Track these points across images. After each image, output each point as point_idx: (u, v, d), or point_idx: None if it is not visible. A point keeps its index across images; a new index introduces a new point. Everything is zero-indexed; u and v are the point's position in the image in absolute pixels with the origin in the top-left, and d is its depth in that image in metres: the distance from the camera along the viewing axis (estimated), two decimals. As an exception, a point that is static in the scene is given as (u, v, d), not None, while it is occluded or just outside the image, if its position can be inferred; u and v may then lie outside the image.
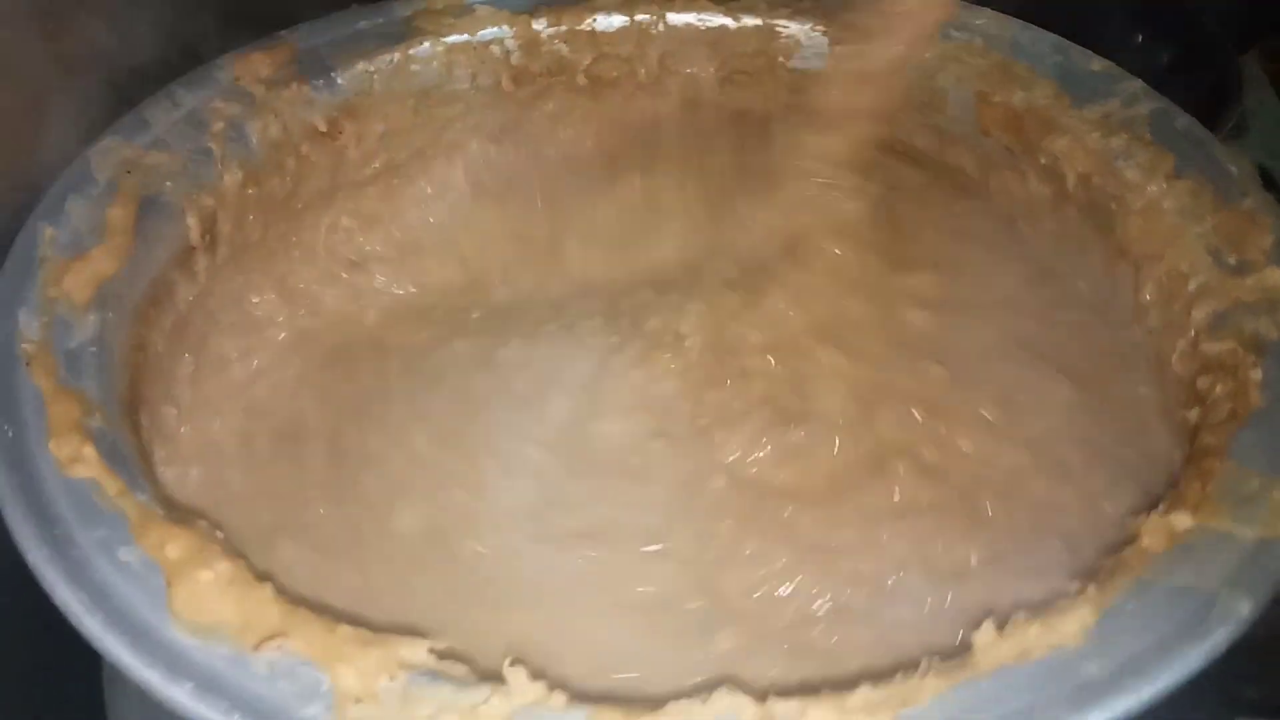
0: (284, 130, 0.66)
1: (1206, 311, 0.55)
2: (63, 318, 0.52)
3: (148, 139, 0.61)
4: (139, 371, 0.56)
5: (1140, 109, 0.64)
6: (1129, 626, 0.41)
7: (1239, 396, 0.50)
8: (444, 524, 0.56)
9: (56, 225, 0.56)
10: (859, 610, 0.53)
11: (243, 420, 0.62)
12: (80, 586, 0.42)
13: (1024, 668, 0.40)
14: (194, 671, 0.40)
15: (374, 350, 0.66)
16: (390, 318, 0.69)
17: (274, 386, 0.64)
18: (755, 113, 0.76)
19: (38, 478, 0.46)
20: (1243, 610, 0.41)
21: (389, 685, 0.40)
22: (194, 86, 0.65)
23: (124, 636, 0.41)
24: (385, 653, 0.40)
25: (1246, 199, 0.58)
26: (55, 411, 0.48)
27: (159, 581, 0.42)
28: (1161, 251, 0.58)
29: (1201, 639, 0.41)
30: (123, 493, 0.45)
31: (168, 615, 0.41)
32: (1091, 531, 0.53)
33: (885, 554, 0.54)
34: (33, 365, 0.50)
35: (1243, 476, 0.46)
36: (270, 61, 0.67)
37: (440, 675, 0.40)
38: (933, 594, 0.53)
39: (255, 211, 0.66)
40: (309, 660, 0.40)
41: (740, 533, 0.55)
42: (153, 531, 0.44)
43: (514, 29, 0.72)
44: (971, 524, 0.55)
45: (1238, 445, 0.48)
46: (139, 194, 0.59)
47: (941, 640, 0.49)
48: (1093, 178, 0.63)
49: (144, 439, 0.54)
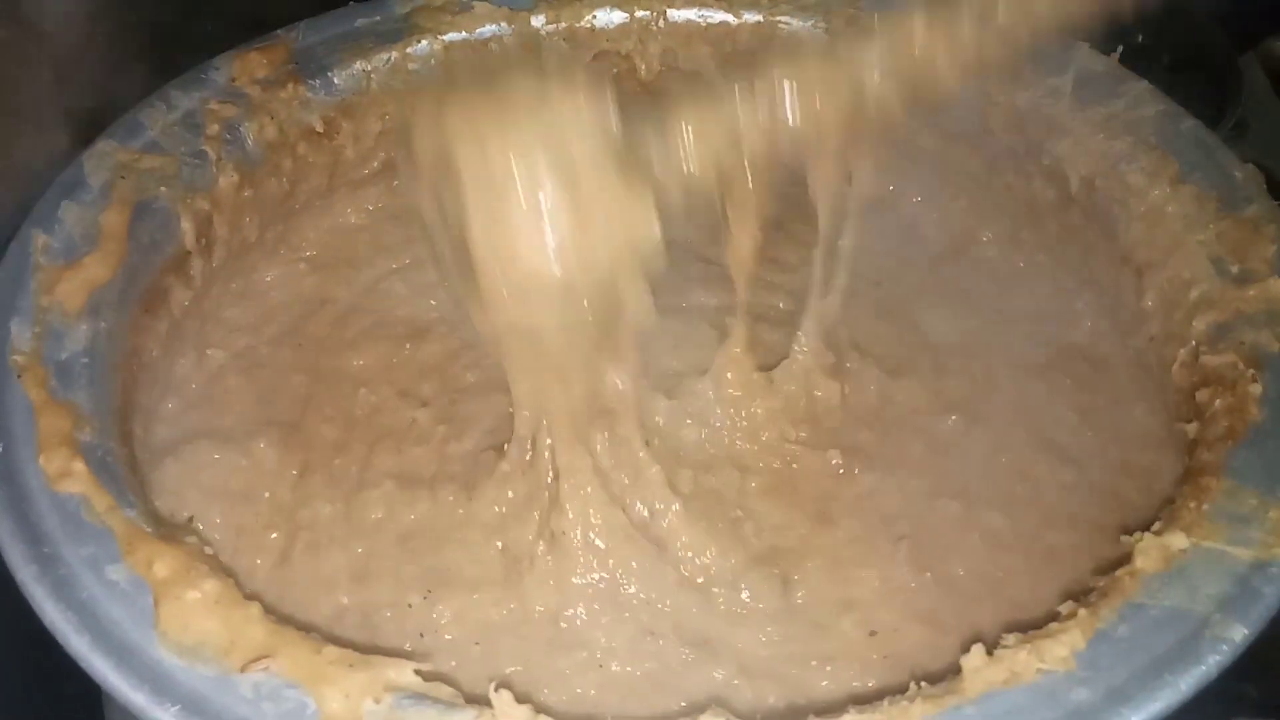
0: (280, 131, 0.66)
1: (1207, 322, 0.54)
2: (54, 327, 0.52)
3: (142, 142, 0.61)
4: (133, 379, 0.56)
5: (1145, 111, 0.63)
6: (1119, 651, 0.41)
7: (1237, 411, 0.50)
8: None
9: (49, 232, 0.56)
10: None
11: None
12: (68, 605, 0.42)
13: (1013, 692, 0.40)
14: (180, 693, 0.40)
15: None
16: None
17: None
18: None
19: (27, 493, 0.46)
20: (1235, 636, 0.41)
21: (374, 708, 0.40)
22: (189, 88, 0.64)
23: (111, 657, 0.41)
24: (371, 675, 0.40)
25: (1251, 206, 0.57)
26: (45, 425, 0.48)
27: (147, 600, 0.42)
28: (1164, 259, 0.58)
29: (1193, 666, 0.40)
30: (111, 509, 0.45)
31: (154, 635, 0.41)
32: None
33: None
34: (24, 377, 0.50)
35: (1239, 495, 0.46)
36: (266, 61, 0.66)
37: (426, 698, 0.40)
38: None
39: (251, 213, 0.66)
40: (295, 682, 0.40)
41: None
42: (141, 549, 0.44)
43: (513, 26, 0.71)
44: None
45: (1235, 462, 0.47)
46: (133, 199, 0.58)
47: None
48: (1095, 181, 0.62)
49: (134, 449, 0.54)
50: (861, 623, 0.52)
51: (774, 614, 0.52)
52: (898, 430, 0.60)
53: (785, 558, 0.54)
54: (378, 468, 0.58)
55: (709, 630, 0.52)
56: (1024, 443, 0.59)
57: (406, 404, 0.61)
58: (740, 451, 0.58)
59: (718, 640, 0.51)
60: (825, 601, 0.53)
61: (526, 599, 0.52)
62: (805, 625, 0.52)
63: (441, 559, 0.54)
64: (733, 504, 0.56)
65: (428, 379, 0.62)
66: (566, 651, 0.51)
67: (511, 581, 0.53)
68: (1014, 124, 0.67)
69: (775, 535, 0.55)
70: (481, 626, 0.52)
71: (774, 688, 0.50)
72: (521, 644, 0.51)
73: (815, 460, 0.58)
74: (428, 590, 0.53)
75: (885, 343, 0.64)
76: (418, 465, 0.58)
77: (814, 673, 0.50)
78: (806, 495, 0.57)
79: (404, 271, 0.69)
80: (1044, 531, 0.55)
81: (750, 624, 0.52)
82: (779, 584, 0.53)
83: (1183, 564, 0.44)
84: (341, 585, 0.53)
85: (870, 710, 0.40)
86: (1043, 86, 0.66)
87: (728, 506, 0.56)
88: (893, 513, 0.56)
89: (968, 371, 0.63)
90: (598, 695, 0.50)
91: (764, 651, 0.51)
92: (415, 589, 0.53)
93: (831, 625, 0.52)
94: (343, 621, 0.52)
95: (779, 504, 0.57)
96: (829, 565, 0.54)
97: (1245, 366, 0.51)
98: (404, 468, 0.58)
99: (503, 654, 0.51)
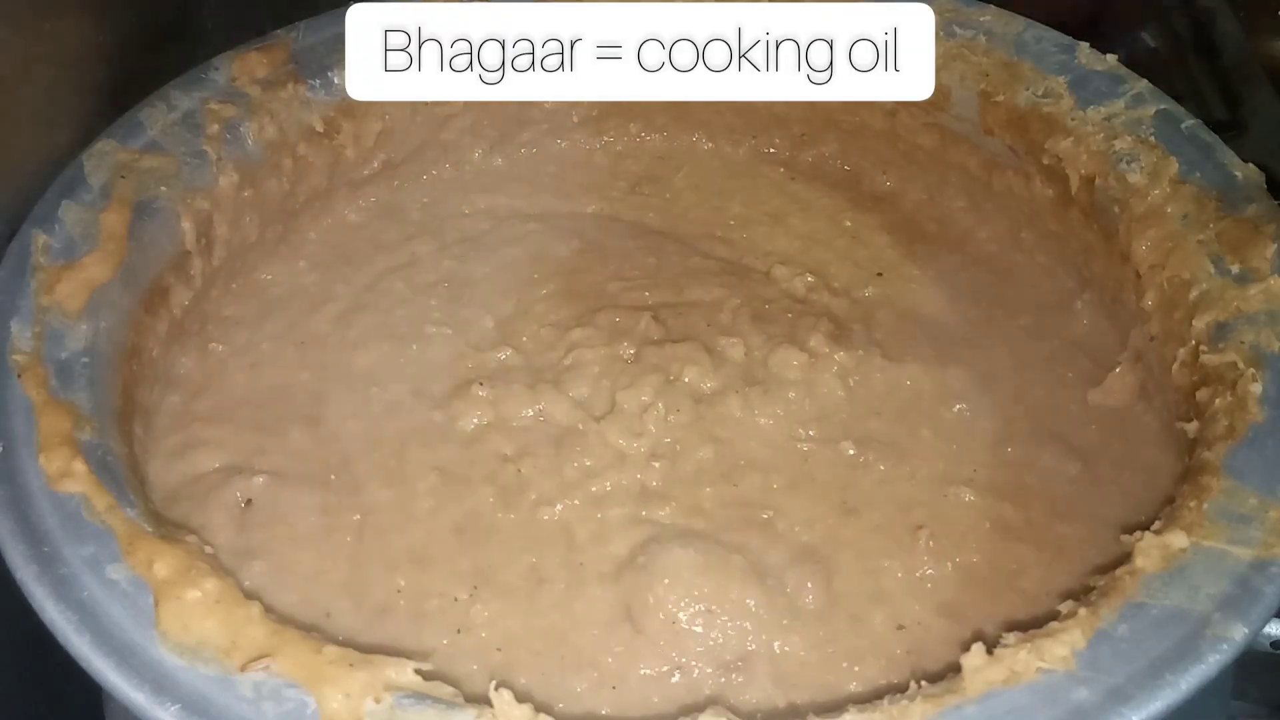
0: (280, 131, 0.66)
1: (1207, 321, 0.54)
2: (55, 327, 0.52)
3: (143, 142, 0.61)
4: (133, 378, 0.56)
5: (1146, 110, 0.63)
6: (1120, 650, 0.41)
7: (1237, 411, 0.49)
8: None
9: (50, 232, 0.56)
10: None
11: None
12: (68, 605, 0.42)
13: (1013, 692, 0.40)
14: (180, 693, 0.40)
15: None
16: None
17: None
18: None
19: (27, 493, 0.46)
20: (1235, 635, 0.41)
21: (375, 708, 0.40)
22: (189, 88, 0.64)
23: (111, 657, 0.41)
24: (371, 674, 0.40)
25: (1251, 206, 0.57)
26: (46, 424, 0.48)
27: (147, 600, 0.42)
28: (1164, 259, 0.58)
29: (1193, 665, 0.40)
30: (111, 508, 0.45)
31: (155, 634, 0.41)
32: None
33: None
34: (24, 377, 0.50)
35: (1239, 495, 0.46)
36: (266, 62, 0.66)
37: (426, 697, 0.40)
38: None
39: (251, 213, 0.66)
40: (295, 682, 0.40)
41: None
42: (141, 549, 0.44)
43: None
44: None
45: (1235, 462, 0.47)
46: (133, 199, 0.59)
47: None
48: (1096, 180, 0.62)
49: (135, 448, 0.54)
50: (891, 616, 0.52)
51: (819, 611, 0.52)
52: (905, 417, 0.61)
53: (820, 552, 0.55)
54: (416, 461, 0.58)
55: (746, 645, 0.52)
56: (1030, 434, 0.60)
57: (421, 404, 0.61)
58: (757, 456, 0.59)
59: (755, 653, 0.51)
60: (859, 594, 0.53)
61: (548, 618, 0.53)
62: (844, 620, 0.52)
63: (488, 557, 0.55)
64: (761, 505, 0.57)
65: (437, 379, 0.62)
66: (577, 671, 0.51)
67: (536, 599, 0.53)
68: (1014, 124, 0.67)
69: (806, 530, 0.56)
70: (506, 634, 0.52)
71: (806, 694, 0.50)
72: (537, 659, 0.51)
73: (829, 452, 0.59)
74: (474, 587, 0.53)
75: (887, 330, 0.65)
76: (453, 463, 0.58)
77: (844, 674, 0.50)
78: (828, 486, 0.57)
79: (403, 270, 0.69)
80: (1054, 523, 0.56)
81: (795, 625, 0.52)
82: (823, 579, 0.53)
83: (1183, 563, 0.44)
84: (401, 567, 0.54)
85: (870, 710, 0.40)
86: (1042, 86, 0.66)
87: (756, 509, 0.56)
88: (909, 500, 0.57)
89: (971, 361, 0.63)
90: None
91: (803, 655, 0.51)
92: (464, 584, 0.53)
93: (865, 619, 0.52)
94: (395, 607, 0.53)
95: (804, 498, 0.57)
96: (857, 557, 0.55)
97: (1245, 366, 0.51)
98: (441, 462, 0.58)
99: (520, 666, 0.51)
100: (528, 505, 0.56)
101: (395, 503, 0.57)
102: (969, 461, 0.59)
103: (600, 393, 0.61)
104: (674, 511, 0.56)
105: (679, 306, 0.66)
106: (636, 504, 0.56)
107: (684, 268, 0.69)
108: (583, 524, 0.56)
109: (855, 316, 0.66)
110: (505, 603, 0.53)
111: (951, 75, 0.68)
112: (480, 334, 0.65)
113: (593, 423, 0.59)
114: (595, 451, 0.58)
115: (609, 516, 0.56)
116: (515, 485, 0.57)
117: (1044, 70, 0.66)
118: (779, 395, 0.61)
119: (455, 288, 0.68)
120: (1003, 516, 0.56)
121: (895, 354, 0.63)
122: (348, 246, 0.71)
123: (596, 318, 0.65)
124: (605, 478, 0.57)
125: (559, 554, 0.55)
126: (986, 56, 0.68)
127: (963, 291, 0.68)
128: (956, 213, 0.73)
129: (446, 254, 0.70)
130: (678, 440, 0.59)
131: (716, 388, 0.61)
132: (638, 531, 0.55)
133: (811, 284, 0.67)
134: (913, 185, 0.74)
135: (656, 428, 0.59)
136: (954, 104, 0.69)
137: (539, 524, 0.56)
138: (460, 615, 0.52)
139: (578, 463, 0.58)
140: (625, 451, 0.58)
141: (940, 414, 0.61)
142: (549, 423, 0.60)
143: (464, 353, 0.64)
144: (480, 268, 0.69)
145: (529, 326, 0.65)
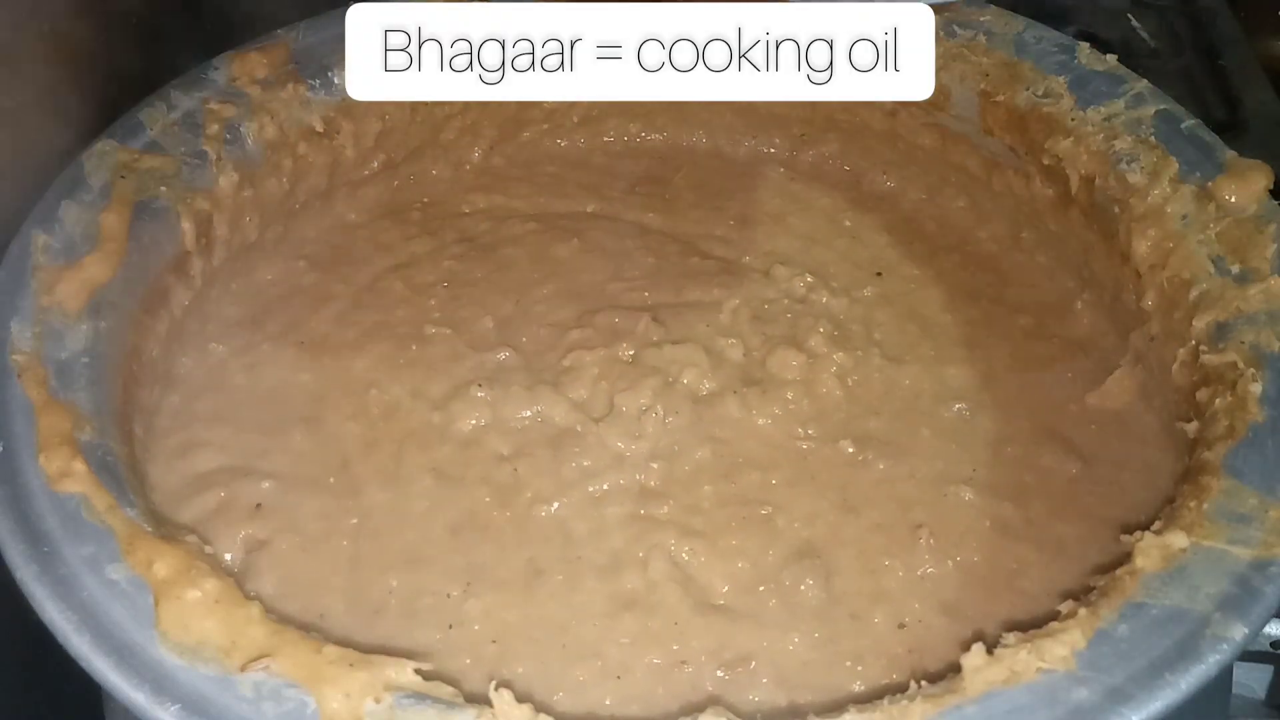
0: (280, 131, 0.66)
1: (1207, 321, 0.54)
2: (55, 327, 0.52)
3: (143, 142, 0.61)
4: (133, 379, 0.56)
5: (1146, 110, 0.63)
6: (1119, 650, 0.41)
7: (1237, 411, 0.49)
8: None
9: (50, 232, 0.56)
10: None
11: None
12: (68, 605, 0.42)
13: (1013, 692, 0.40)
14: (180, 693, 0.40)
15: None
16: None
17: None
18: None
19: (27, 493, 0.46)
20: (1235, 635, 0.41)
21: (374, 708, 0.40)
22: (189, 88, 0.64)
23: (111, 657, 0.41)
24: (371, 674, 0.40)
25: (1251, 205, 0.57)
26: (46, 424, 0.48)
27: (147, 600, 0.42)
28: (1164, 259, 0.58)
29: (1193, 665, 0.40)
30: (111, 508, 0.45)
31: (155, 634, 0.41)
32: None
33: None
34: (24, 377, 0.50)
35: (1239, 494, 0.46)
36: (266, 61, 0.66)
37: (426, 697, 0.40)
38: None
39: (251, 213, 0.66)
40: (295, 682, 0.40)
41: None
42: (141, 548, 0.44)
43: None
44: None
45: (1235, 462, 0.47)
46: (133, 199, 0.59)
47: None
48: (1096, 180, 0.62)
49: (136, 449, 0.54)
50: (892, 615, 0.52)
51: (819, 610, 0.52)
52: (905, 416, 0.61)
53: (820, 550, 0.55)
54: (413, 463, 0.58)
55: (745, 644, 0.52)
56: (1029, 433, 0.60)
57: (420, 405, 0.61)
58: (756, 455, 0.59)
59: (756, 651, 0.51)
60: (859, 593, 0.53)
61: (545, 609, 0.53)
62: (845, 619, 0.52)
63: (483, 554, 0.55)
64: (759, 501, 0.57)
65: (435, 380, 0.62)
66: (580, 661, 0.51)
67: (534, 591, 0.53)
68: (1014, 124, 0.67)
69: (806, 526, 0.56)
70: (502, 627, 0.52)
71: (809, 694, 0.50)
72: (534, 649, 0.51)
73: (829, 450, 0.59)
74: (467, 583, 0.53)
75: (886, 330, 0.65)
76: (449, 464, 0.58)
77: (847, 674, 0.50)
78: (828, 484, 0.58)
79: (403, 270, 0.69)
80: (1054, 523, 0.56)
81: (793, 623, 0.52)
82: (823, 577, 0.53)
83: (1183, 563, 0.44)
84: (395, 568, 0.54)
85: (870, 710, 0.40)
86: (1042, 86, 0.66)
87: (755, 505, 0.56)
88: (908, 499, 0.57)
89: (970, 360, 0.63)
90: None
91: (804, 654, 0.51)
92: (458, 581, 0.53)
93: (866, 618, 0.52)
94: (387, 606, 0.53)
95: (803, 495, 0.57)
96: (858, 555, 0.55)
97: (1245, 366, 0.51)
98: (437, 464, 0.58)
99: (515, 658, 0.51)
100: (524, 504, 0.56)
101: (391, 505, 0.57)
102: (969, 461, 0.59)
103: (599, 395, 0.61)
104: (673, 510, 0.56)
105: (678, 307, 0.66)
106: (635, 502, 0.56)
107: (683, 268, 0.69)
108: (580, 521, 0.56)
109: (854, 316, 0.66)
110: (500, 596, 0.53)
111: (951, 75, 0.68)
112: (479, 334, 0.65)
113: (591, 424, 0.59)
114: (593, 452, 0.58)
115: (607, 514, 0.56)
116: (511, 485, 0.57)
117: (1044, 70, 0.66)
118: (777, 395, 0.61)
119: (454, 288, 0.68)
120: (1002, 516, 0.56)
121: (894, 354, 0.64)
122: (347, 246, 0.71)
123: (596, 318, 0.65)
124: (603, 478, 0.57)
125: (556, 549, 0.55)
126: (986, 56, 0.68)
127: (962, 291, 0.68)
128: (956, 213, 0.73)
129: (445, 254, 0.70)
130: (676, 442, 0.59)
131: (715, 389, 0.61)
132: (636, 527, 0.55)
133: (811, 284, 0.67)
134: (913, 185, 0.74)
135: (655, 430, 0.59)
136: (954, 104, 0.69)
137: (535, 521, 0.56)
138: (453, 611, 0.52)
139: (575, 463, 0.58)
140: (623, 453, 0.58)
141: (939, 413, 0.61)
142: (547, 424, 0.60)
143: (463, 353, 0.63)
144: (479, 268, 0.69)
145: (528, 327, 0.65)
